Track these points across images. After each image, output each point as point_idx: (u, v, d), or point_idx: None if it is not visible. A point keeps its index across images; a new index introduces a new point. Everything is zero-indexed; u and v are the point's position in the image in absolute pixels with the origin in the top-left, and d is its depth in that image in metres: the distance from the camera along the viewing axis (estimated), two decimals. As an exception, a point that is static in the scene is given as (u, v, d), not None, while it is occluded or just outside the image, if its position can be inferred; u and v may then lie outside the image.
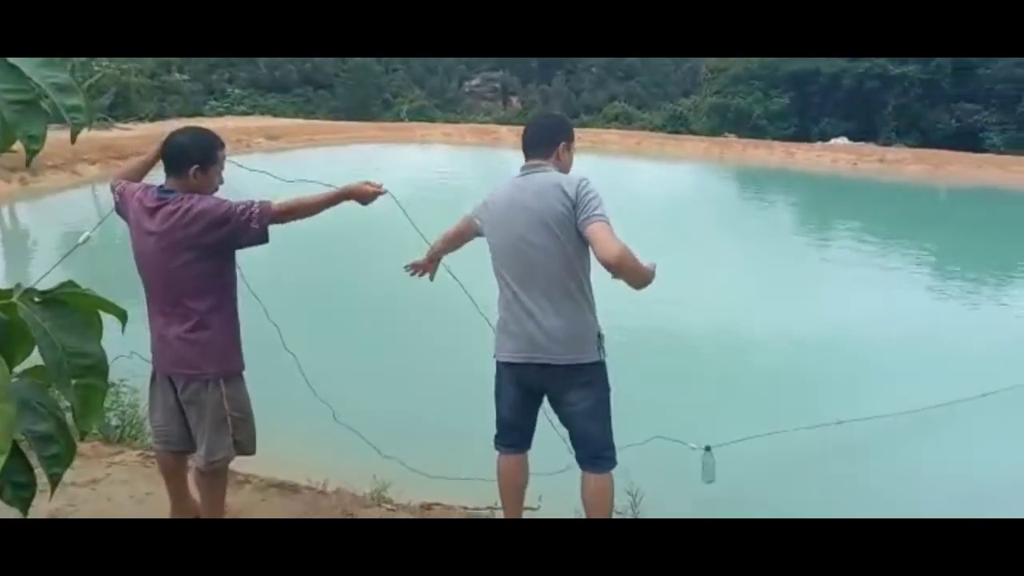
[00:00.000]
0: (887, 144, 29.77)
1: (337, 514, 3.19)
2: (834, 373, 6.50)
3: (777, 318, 8.10)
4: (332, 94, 45.52)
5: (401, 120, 38.20)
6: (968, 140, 29.41)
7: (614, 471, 2.69)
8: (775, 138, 31.41)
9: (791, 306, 8.80)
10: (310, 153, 24.32)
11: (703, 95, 37.78)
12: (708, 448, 3.23)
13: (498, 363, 2.73)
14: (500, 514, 3.32)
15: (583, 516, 2.71)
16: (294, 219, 2.62)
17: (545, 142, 2.73)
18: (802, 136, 32.19)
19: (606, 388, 2.68)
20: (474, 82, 55.21)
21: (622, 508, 3.10)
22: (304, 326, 4.92)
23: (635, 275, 2.51)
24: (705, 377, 6.30)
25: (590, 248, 2.54)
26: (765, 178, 24.25)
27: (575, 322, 2.60)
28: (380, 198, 2.78)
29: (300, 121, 34.63)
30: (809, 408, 4.89)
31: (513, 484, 2.80)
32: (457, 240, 2.99)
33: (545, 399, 2.76)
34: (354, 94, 45.21)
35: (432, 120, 38.92)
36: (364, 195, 2.73)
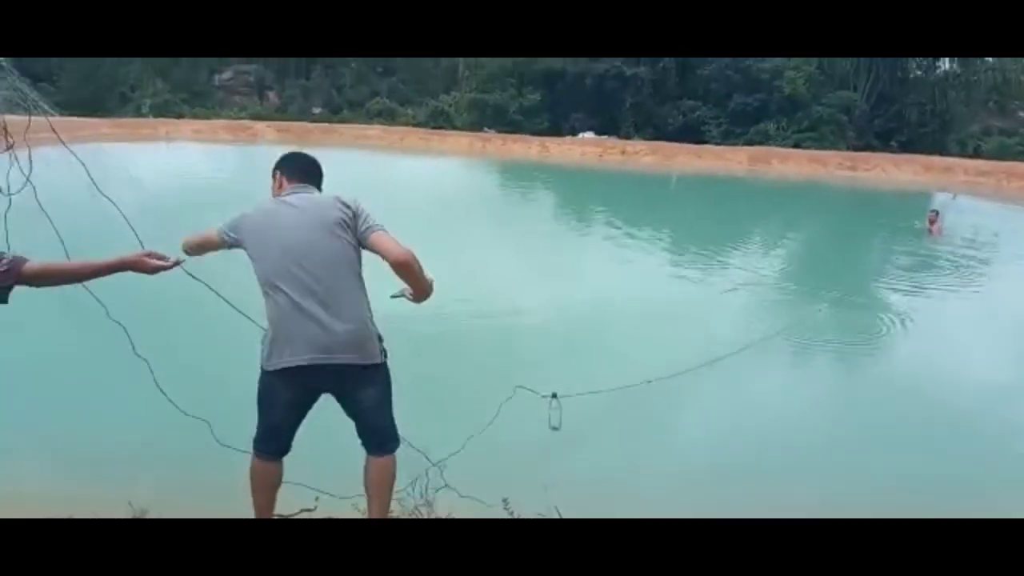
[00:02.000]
0: (627, 138, 32.73)
1: (85, 547, 2.92)
2: (597, 343, 7.12)
3: (549, 297, 8.73)
4: (55, 87, 40.11)
5: (144, 116, 34.73)
6: (692, 133, 33.30)
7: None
8: (531, 132, 33.18)
9: (560, 286, 9.52)
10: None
11: (463, 92, 38.80)
12: (555, 395, 3.53)
13: (271, 372, 2.69)
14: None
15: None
16: (49, 284, 2.32)
17: (317, 175, 2.94)
18: (555, 131, 34.33)
19: (390, 383, 2.87)
20: (225, 75, 51.59)
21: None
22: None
23: (422, 278, 2.77)
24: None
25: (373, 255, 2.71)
26: (525, 170, 25.59)
27: (362, 325, 2.71)
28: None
29: (15, 118, 30.08)
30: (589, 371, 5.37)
31: (271, 484, 2.88)
32: (199, 249, 2.91)
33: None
34: (82, 87, 40.25)
35: (180, 116, 35.84)
36: (149, 269, 2.45)
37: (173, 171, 16.85)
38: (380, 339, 2.80)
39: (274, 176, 2.93)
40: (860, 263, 13.65)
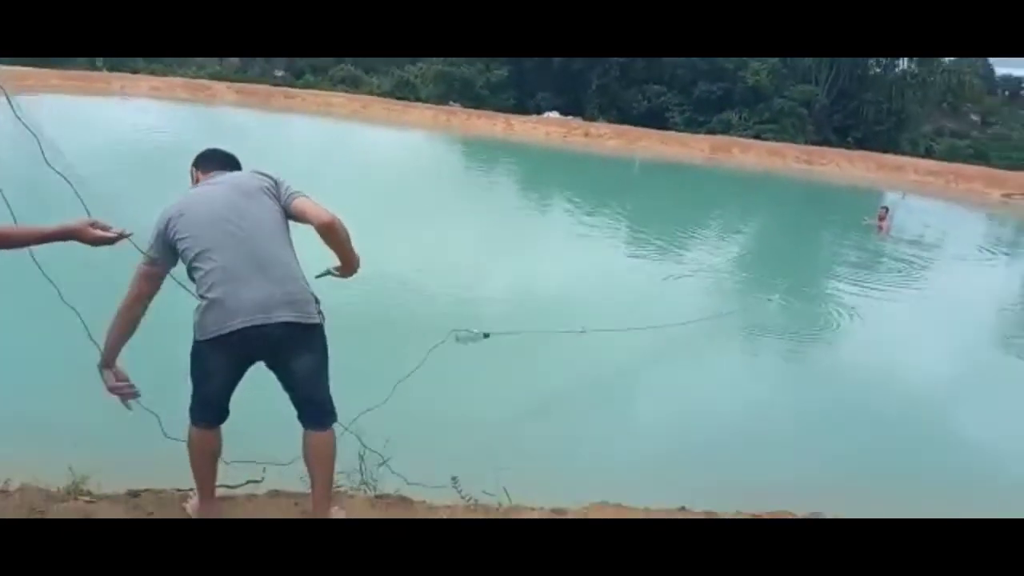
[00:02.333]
0: (592, 119, 32.80)
1: (24, 514, 2.87)
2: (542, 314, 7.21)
3: (512, 272, 8.80)
4: None
5: (98, 69, 33.43)
6: (657, 118, 33.53)
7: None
8: (496, 108, 32.98)
9: (514, 263, 9.59)
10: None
11: (429, 63, 38.29)
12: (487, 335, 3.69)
13: (206, 341, 2.65)
14: (219, 491, 3.25)
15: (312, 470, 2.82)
16: None
17: (235, 166, 2.96)
18: (520, 108, 34.20)
19: (327, 351, 2.81)
20: (183, 31, 50.01)
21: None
22: None
23: (349, 245, 2.73)
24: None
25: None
26: (489, 147, 25.47)
27: (299, 284, 2.70)
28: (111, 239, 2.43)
29: (-43, 63, 28.72)
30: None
31: (211, 453, 2.85)
32: (134, 323, 2.78)
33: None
34: (31, 34, 38.51)
35: (135, 71, 34.62)
36: (90, 240, 2.32)
37: (128, 127, 16.33)
38: (317, 301, 2.76)
39: (192, 175, 2.94)
40: (810, 256, 13.98)
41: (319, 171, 12.49)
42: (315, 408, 2.79)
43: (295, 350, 2.69)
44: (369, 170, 15.99)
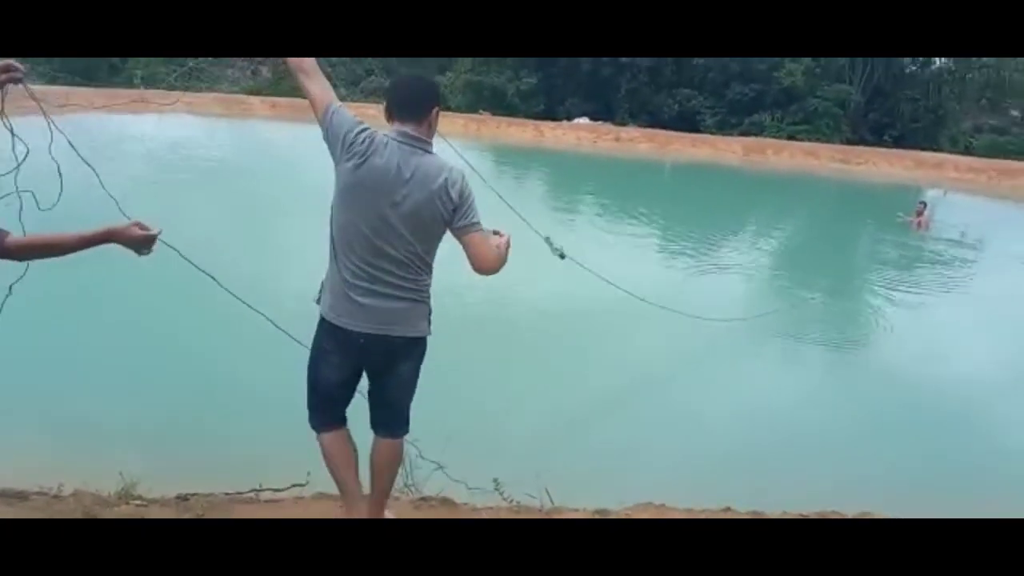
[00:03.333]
0: (622, 124, 32.65)
1: (78, 516, 2.94)
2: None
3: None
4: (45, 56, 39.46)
5: (135, 87, 34.26)
6: (688, 122, 33.23)
7: None
8: (527, 116, 33.03)
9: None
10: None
11: (458, 72, 38.52)
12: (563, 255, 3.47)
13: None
14: (266, 495, 3.30)
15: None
16: (33, 258, 2.26)
17: (418, 105, 2.58)
18: (550, 115, 34.18)
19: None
20: (218, 49, 51.02)
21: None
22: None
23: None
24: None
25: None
26: (521, 154, 25.51)
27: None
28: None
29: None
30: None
31: (348, 457, 2.81)
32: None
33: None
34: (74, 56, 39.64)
35: (172, 88, 35.40)
36: (131, 239, 2.29)
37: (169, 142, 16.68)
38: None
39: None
40: (846, 256, 13.73)
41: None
42: (392, 414, 2.79)
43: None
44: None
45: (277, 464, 3.02)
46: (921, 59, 35.87)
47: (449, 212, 2.52)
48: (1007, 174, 26.11)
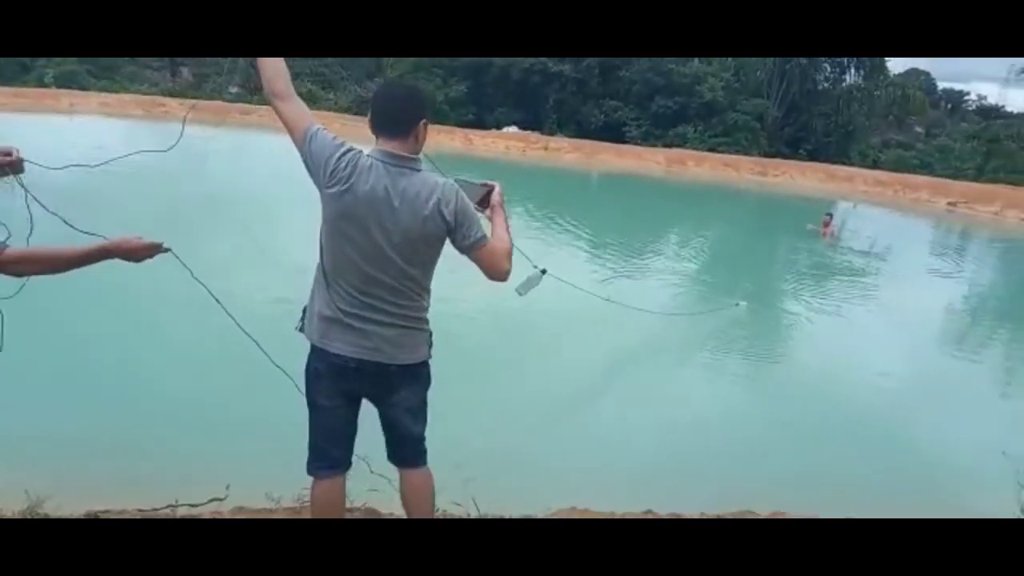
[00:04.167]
0: (550, 134, 33.09)
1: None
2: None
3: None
4: (-57, 50, 37.08)
5: (46, 86, 32.64)
6: (614, 132, 33.96)
7: None
8: (456, 124, 33.06)
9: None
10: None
11: (386, 80, 38.26)
12: (544, 271, 3.28)
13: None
14: (182, 511, 3.20)
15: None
16: (28, 273, 2.12)
17: (402, 120, 2.44)
18: (479, 123, 34.32)
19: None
20: (135, 48, 49.05)
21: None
22: None
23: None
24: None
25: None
26: (450, 162, 25.45)
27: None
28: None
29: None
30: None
31: (338, 515, 2.68)
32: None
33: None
34: (-25, 52, 37.40)
35: (85, 88, 33.88)
36: (133, 252, 2.22)
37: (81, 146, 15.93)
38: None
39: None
40: (763, 264, 14.30)
41: (275, 187, 12.41)
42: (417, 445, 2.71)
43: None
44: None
45: (199, 478, 2.93)
46: (833, 75, 37.72)
47: (445, 233, 2.42)
48: (910, 187, 27.73)
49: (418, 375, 2.60)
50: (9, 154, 2.26)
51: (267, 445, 3.85)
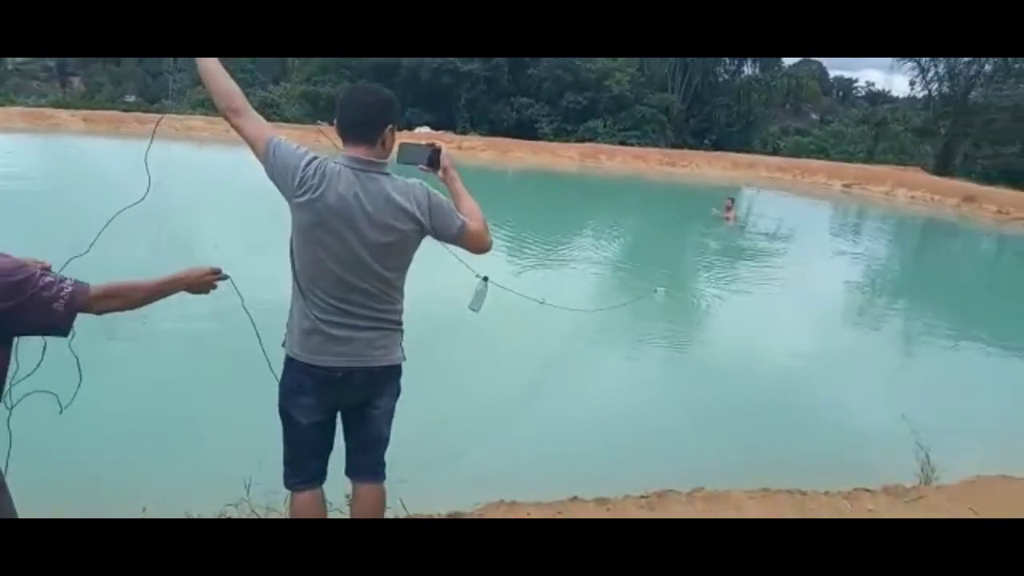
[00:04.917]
0: (464, 133, 33.10)
1: None
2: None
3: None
4: None
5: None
6: (526, 129, 34.28)
7: None
8: (367, 126, 32.59)
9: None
10: None
11: (293, 82, 37.43)
12: (486, 279, 3.27)
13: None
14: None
15: None
16: (111, 309, 2.03)
17: (368, 126, 2.43)
18: (391, 125, 34.01)
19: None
20: (20, 58, 46.36)
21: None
22: None
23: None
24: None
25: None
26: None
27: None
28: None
29: None
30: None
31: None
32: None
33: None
34: None
35: (-36, 102, 31.71)
36: (200, 284, 2.26)
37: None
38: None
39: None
40: (675, 251, 14.75)
41: (194, 196, 11.95)
42: (379, 456, 2.70)
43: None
44: (230, 192, 15.39)
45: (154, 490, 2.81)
46: (733, 67, 39.19)
47: (420, 234, 2.45)
48: (808, 172, 29.15)
49: (396, 378, 2.64)
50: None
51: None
